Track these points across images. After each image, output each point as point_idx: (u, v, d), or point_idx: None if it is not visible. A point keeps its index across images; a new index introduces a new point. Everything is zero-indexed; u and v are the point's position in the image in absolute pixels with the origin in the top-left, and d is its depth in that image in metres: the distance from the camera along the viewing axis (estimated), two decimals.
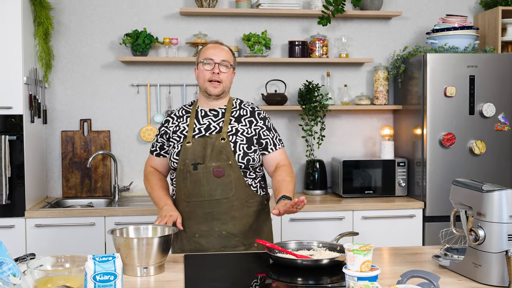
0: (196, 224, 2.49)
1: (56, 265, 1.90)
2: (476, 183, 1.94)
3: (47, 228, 3.49)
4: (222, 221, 2.47)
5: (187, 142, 2.51)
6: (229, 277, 2.04)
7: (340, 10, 4.03)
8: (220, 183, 2.46)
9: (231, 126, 2.54)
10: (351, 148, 4.35)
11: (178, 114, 2.65)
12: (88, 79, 4.10)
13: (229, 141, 2.49)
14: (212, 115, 2.59)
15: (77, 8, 4.07)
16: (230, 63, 2.59)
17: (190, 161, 2.48)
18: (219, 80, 2.54)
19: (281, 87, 4.25)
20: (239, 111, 2.61)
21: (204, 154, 2.48)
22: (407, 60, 4.07)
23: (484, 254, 1.85)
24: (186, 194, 2.50)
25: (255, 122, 2.59)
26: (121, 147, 4.14)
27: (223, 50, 2.59)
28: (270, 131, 2.60)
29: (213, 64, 2.55)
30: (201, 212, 2.48)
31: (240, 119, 2.58)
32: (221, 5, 4.17)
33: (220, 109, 2.61)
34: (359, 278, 1.71)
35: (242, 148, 2.50)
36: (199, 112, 2.61)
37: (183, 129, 2.58)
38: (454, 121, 3.80)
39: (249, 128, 2.56)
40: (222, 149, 2.47)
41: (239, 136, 2.52)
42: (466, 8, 4.43)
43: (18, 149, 3.49)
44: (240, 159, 2.48)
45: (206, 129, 2.55)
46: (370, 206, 3.76)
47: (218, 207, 2.47)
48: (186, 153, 2.50)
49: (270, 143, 2.58)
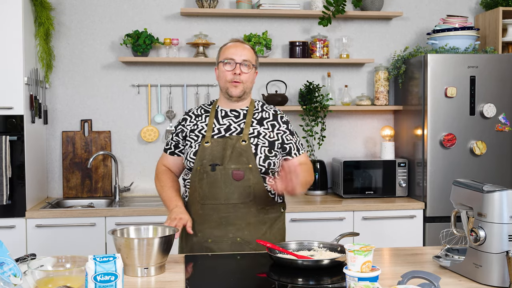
0: (210, 228, 2.40)
1: (57, 265, 1.90)
2: (476, 184, 1.94)
3: (47, 229, 3.49)
4: (238, 227, 2.38)
5: (206, 142, 2.42)
6: (229, 277, 2.04)
7: (340, 11, 4.04)
8: (239, 186, 2.37)
9: (253, 128, 2.46)
10: (351, 148, 4.35)
11: (196, 113, 2.56)
12: (88, 80, 4.10)
13: (250, 143, 2.41)
14: (233, 116, 2.51)
15: (77, 9, 4.07)
16: (252, 62, 2.48)
17: (208, 162, 2.39)
18: (240, 80, 2.45)
19: (281, 87, 4.25)
20: (261, 114, 2.53)
21: (223, 155, 2.39)
22: (407, 60, 4.07)
23: (485, 255, 1.85)
24: (202, 195, 2.40)
25: (278, 126, 2.50)
26: (121, 147, 4.14)
27: (244, 49, 2.48)
28: (293, 136, 2.53)
29: (234, 64, 2.45)
30: (216, 216, 2.39)
31: (263, 122, 2.49)
32: (221, 6, 4.17)
33: (242, 110, 2.52)
34: (360, 278, 1.71)
35: (263, 151, 2.41)
36: (219, 112, 2.52)
37: (202, 128, 2.48)
38: (455, 122, 3.80)
39: (271, 132, 2.47)
40: (242, 152, 2.39)
41: (261, 139, 2.44)
42: (467, 8, 4.43)
43: (18, 149, 3.49)
44: (261, 162, 2.39)
45: (226, 129, 2.46)
46: (371, 207, 3.76)
47: (235, 211, 2.38)
48: (204, 153, 2.41)
49: (294, 147, 2.51)
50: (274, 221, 2.48)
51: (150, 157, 4.14)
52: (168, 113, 4.13)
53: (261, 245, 2.37)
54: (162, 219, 3.53)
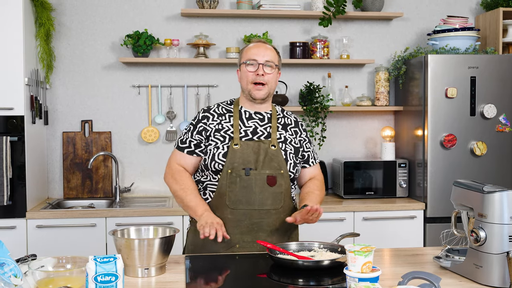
0: (240, 234, 2.33)
1: (57, 266, 1.90)
2: (477, 184, 1.94)
3: (48, 229, 3.49)
4: (268, 233, 2.35)
5: (235, 144, 2.34)
6: (230, 278, 2.04)
7: (341, 11, 4.04)
8: (272, 192, 2.33)
9: (279, 134, 2.42)
10: (352, 149, 4.35)
11: (218, 112, 2.44)
12: (89, 80, 4.10)
13: (279, 148, 2.37)
14: (258, 119, 2.44)
15: (78, 9, 4.08)
16: (275, 63, 2.41)
17: (239, 165, 2.32)
18: (264, 82, 2.38)
19: (282, 88, 4.25)
20: (284, 119, 2.49)
21: (256, 160, 2.33)
22: (408, 61, 4.07)
23: (485, 255, 1.85)
24: (233, 200, 2.32)
25: (299, 133, 2.49)
26: (122, 148, 4.14)
27: (267, 49, 2.41)
28: (311, 144, 2.53)
29: (257, 65, 2.38)
30: (248, 221, 2.33)
31: (287, 128, 2.46)
32: (222, 6, 4.18)
33: (266, 113, 2.46)
34: (360, 279, 1.71)
35: (292, 157, 2.39)
36: (243, 113, 2.44)
37: (227, 129, 2.39)
38: (455, 122, 3.80)
39: (295, 138, 2.46)
40: (273, 157, 2.35)
41: (288, 145, 2.41)
42: (467, 9, 4.43)
43: (19, 150, 3.49)
44: (291, 168, 2.37)
45: (253, 132, 2.39)
46: (371, 207, 3.76)
47: (267, 218, 2.34)
48: (234, 156, 2.32)
49: (311, 156, 2.51)
50: (295, 228, 2.48)
51: (150, 157, 4.14)
52: (169, 114, 4.14)
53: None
54: (162, 220, 3.53)
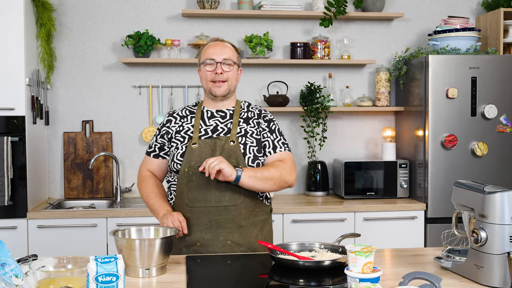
0: (199, 232, 2.35)
1: (58, 266, 1.90)
2: (478, 185, 1.94)
3: (49, 229, 3.50)
4: (229, 230, 2.34)
5: (193, 143, 2.38)
6: (231, 278, 2.04)
7: (342, 12, 4.04)
8: (229, 188, 2.32)
9: (240, 128, 2.42)
10: (352, 149, 4.35)
11: (181, 114, 2.51)
12: (90, 81, 4.11)
13: (238, 143, 2.37)
14: (219, 116, 2.47)
15: (79, 10, 4.08)
16: (233, 60, 2.44)
17: (196, 163, 2.33)
18: (223, 79, 2.41)
19: (283, 88, 4.25)
20: (247, 113, 2.49)
21: (212, 156, 2.31)
22: (409, 61, 4.07)
23: (486, 256, 1.85)
24: (190, 198, 2.35)
25: (261, 123, 2.47)
26: (123, 148, 4.14)
27: (224, 47, 2.45)
28: (272, 133, 2.46)
29: (215, 64, 2.41)
30: (206, 219, 2.33)
31: (248, 121, 2.46)
32: (223, 7, 4.18)
33: (228, 110, 2.48)
34: (361, 279, 1.71)
35: (252, 151, 2.38)
36: (205, 113, 2.48)
37: (187, 129, 2.44)
38: (456, 123, 3.80)
39: (257, 129, 2.44)
40: (231, 152, 2.35)
41: (249, 138, 2.40)
42: (468, 9, 4.43)
43: (20, 150, 3.50)
44: (250, 162, 2.36)
45: (213, 130, 2.42)
46: (372, 208, 3.76)
47: (226, 214, 2.33)
48: (192, 155, 2.36)
49: (269, 145, 2.44)
50: (263, 223, 2.45)
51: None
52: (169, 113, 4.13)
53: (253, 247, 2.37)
54: None
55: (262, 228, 2.44)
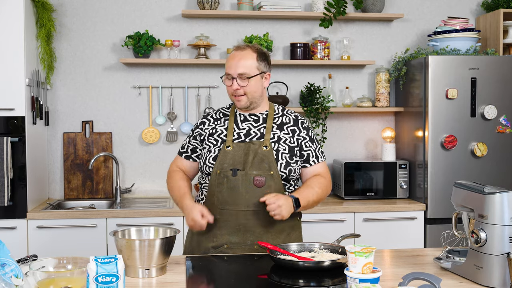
0: (227, 234, 2.34)
1: (58, 266, 1.90)
2: (477, 185, 1.94)
3: (49, 230, 3.50)
4: (257, 235, 2.33)
5: (227, 146, 2.37)
6: (231, 279, 2.04)
7: (341, 13, 4.04)
8: (260, 193, 2.31)
9: (273, 133, 2.40)
10: (352, 150, 4.35)
11: (215, 117, 2.49)
12: (90, 81, 4.11)
13: (271, 149, 2.36)
14: (252, 120, 2.44)
15: (79, 10, 4.08)
16: (250, 73, 2.35)
17: (229, 166, 2.33)
18: (240, 94, 2.37)
19: (282, 89, 4.25)
20: (281, 118, 2.46)
21: (245, 160, 2.33)
22: (408, 62, 4.07)
23: (486, 256, 1.86)
24: (221, 200, 2.34)
25: (298, 131, 2.44)
26: (122, 148, 4.14)
27: (241, 59, 2.37)
28: (313, 143, 2.46)
29: (231, 79, 2.37)
30: (235, 222, 2.33)
31: (283, 127, 2.43)
32: (223, 7, 4.18)
33: (261, 114, 2.45)
34: (361, 280, 1.72)
35: (284, 157, 2.36)
36: (238, 116, 2.46)
37: (221, 132, 2.43)
38: (456, 123, 3.80)
39: (291, 137, 2.42)
40: (264, 157, 2.34)
41: (282, 144, 2.38)
42: (468, 10, 4.43)
43: (20, 150, 3.50)
44: (282, 168, 2.35)
45: (246, 134, 2.40)
46: (372, 208, 3.76)
47: (255, 219, 2.32)
48: (225, 158, 2.35)
49: (313, 155, 2.45)
50: (291, 229, 2.45)
51: (151, 158, 4.14)
52: (169, 115, 4.14)
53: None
54: (163, 221, 3.53)
55: (289, 233, 2.43)
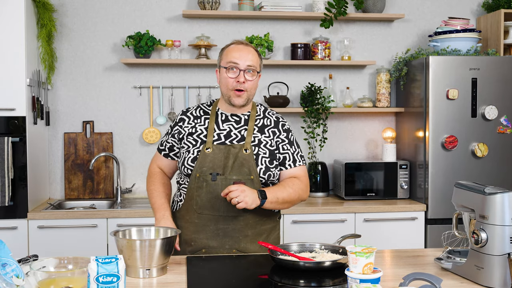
0: (205, 239, 2.31)
1: (59, 266, 1.90)
2: (478, 186, 1.94)
3: (49, 230, 3.50)
4: (235, 239, 2.31)
5: (207, 148, 2.30)
6: (231, 279, 2.04)
7: (342, 13, 4.04)
8: None
9: (254, 136, 2.34)
10: (353, 150, 4.35)
11: (195, 114, 2.41)
12: (90, 81, 4.11)
13: (252, 152, 2.30)
14: (234, 121, 2.37)
15: (80, 10, 4.08)
16: (257, 69, 2.32)
17: (208, 170, 2.28)
18: (244, 89, 2.30)
19: (283, 89, 4.25)
20: (263, 120, 2.40)
21: (225, 164, 2.28)
22: (409, 62, 4.07)
23: (486, 257, 1.85)
24: (199, 205, 2.31)
25: (278, 133, 2.38)
26: (123, 149, 4.15)
27: (249, 53, 2.31)
28: (291, 146, 2.39)
29: (238, 71, 2.29)
30: (214, 227, 2.30)
31: (264, 130, 2.37)
32: (223, 8, 4.18)
33: (243, 115, 2.39)
34: (362, 280, 1.72)
35: (264, 162, 2.31)
36: (219, 116, 2.39)
37: (201, 132, 2.36)
38: (456, 124, 3.80)
39: (272, 140, 2.36)
40: (244, 162, 2.28)
41: (262, 148, 2.33)
42: (469, 10, 4.43)
43: (20, 150, 3.50)
44: (261, 173, 2.30)
45: (227, 136, 2.34)
46: (372, 209, 3.76)
47: (233, 224, 2.30)
48: (204, 160, 2.29)
49: (289, 158, 2.38)
50: (270, 232, 2.43)
51: (151, 158, 4.14)
52: (170, 115, 4.14)
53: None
54: None
55: (268, 236, 2.41)
